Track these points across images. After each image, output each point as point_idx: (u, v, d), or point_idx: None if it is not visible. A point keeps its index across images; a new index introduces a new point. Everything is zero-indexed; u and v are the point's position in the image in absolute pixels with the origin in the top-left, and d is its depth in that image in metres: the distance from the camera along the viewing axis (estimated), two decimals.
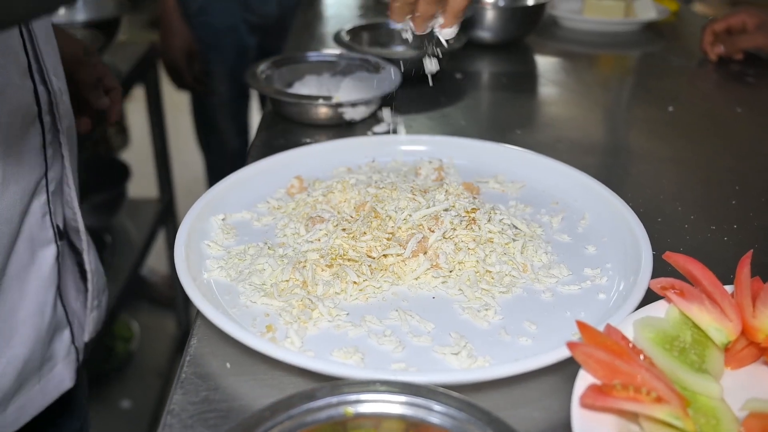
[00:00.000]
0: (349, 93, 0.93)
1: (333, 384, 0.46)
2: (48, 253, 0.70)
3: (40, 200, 0.68)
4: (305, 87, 1.01)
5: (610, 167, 0.89)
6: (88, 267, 0.77)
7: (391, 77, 0.98)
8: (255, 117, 2.45)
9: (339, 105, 0.93)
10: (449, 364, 0.55)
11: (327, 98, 0.93)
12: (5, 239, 0.64)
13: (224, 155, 2.09)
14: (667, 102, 1.11)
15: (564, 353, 0.53)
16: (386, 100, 0.98)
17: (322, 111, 0.94)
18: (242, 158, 2.13)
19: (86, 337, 0.80)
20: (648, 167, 0.90)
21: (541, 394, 0.54)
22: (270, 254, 0.66)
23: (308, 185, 0.79)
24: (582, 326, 0.52)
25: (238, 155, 2.04)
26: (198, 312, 0.60)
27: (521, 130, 1.00)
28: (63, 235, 0.72)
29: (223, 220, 0.72)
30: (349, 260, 0.64)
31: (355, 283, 0.63)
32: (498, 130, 0.99)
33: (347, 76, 1.02)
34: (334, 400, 0.46)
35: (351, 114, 0.94)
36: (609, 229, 0.72)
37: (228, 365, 0.55)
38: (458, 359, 0.55)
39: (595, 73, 1.30)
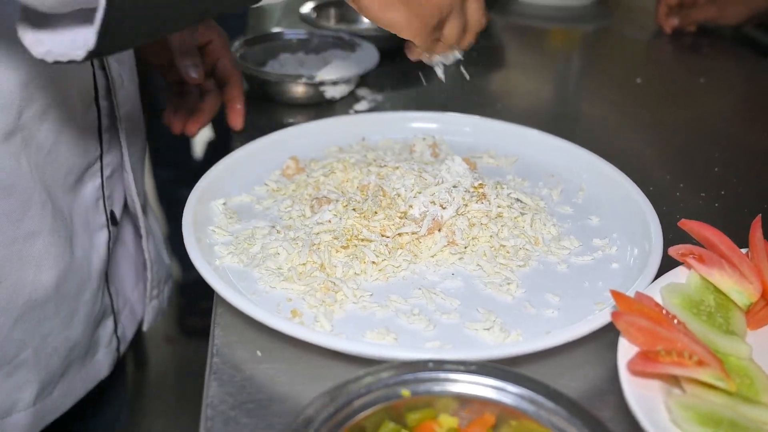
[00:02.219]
0: (327, 71, 0.91)
1: (387, 366, 0.46)
2: (101, 239, 0.70)
3: (95, 184, 0.68)
4: (281, 65, 0.98)
5: (592, 139, 0.90)
6: (147, 255, 0.76)
7: (368, 55, 0.97)
8: None
9: (321, 83, 0.91)
10: (483, 340, 0.55)
11: (310, 77, 0.91)
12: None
13: (168, 137, 2.02)
14: (634, 74, 1.13)
15: (597, 323, 0.54)
16: (364, 78, 0.98)
17: (303, 90, 0.92)
18: (187, 140, 2.08)
19: (146, 327, 0.81)
20: (630, 137, 0.92)
21: (575, 364, 0.54)
22: (281, 237, 0.65)
23: (305, 165, 0.77)
24: (617, 295, 0.53)
25: (180, 138, 1.98)
26: (217, 301, 0.58)
27: (501, 103, 1.00)
28: (116, 221, 0.71)
29: (223, 204, 0.70)
30: (364, 240, 0.63)
31: (374, 263, 0.62)
32: (478, 105, 0.99)
33: (321, 53, 1.00)
34: (392, 380, 0.45)
35: (332, 92, 0.93)
36: (609, 198, 0.73)
37: (259, 353, 0.54)
38: (491, 334, 0.55)
39: (555, 46, 1.32)
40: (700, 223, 0.60)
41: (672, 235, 0.64)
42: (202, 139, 2.04)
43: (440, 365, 0.46)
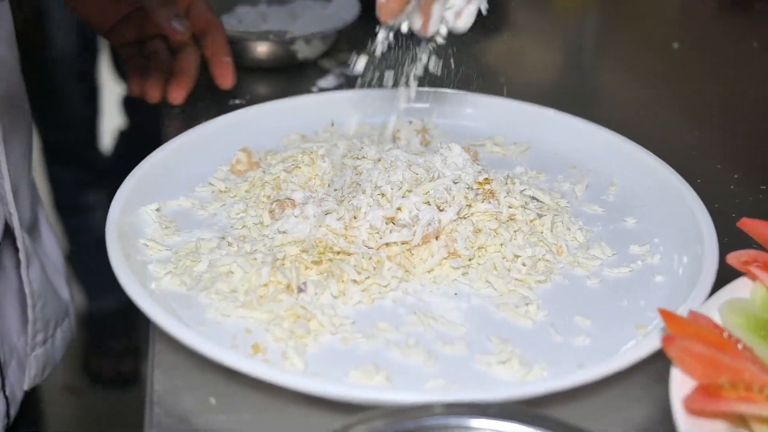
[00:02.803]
0: (299, 27, 0.92)
1: (380, 413, 0.46)
2: None
3: None
4: (238, 21, 0.99)
5: (619, 120, 0.91)
6: (27, 289, 0.73)
7: (347, 4, 0.98)
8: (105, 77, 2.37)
9: (292, 41, 0.92)
10: (498, 376, 0.56)
11: (279, 33, 0.91)
12: None
13: (66, 128, 2.01)
14: (669, 37, 1.15)
15: (641, 351, 0.55)
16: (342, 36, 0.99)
17: (268, 50, 0.92)
18: (90, 133, 2.06)
19: (27, 385, 0.76)
20: (667, 118, 0.94)
21: (616, 404, 0.55)
22: (233, 252, 0.65)
23: (259, 159, 0.77)
24: (667, 316, 0.54)
25: (84, 128, 1.97)
26: (154, 335, 0.58)
27: (505, 76, 1.02)
28: None
29: (157, 210, 0.70)
30: (340, 253, 0.64)
31: (355, 281, 0.62)
32: (478, 79, 0.99)
33: (288, 5, 1.02)
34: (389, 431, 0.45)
35: (305, 52, 0.93)
36: (647, 194, 0.75)
37: (213, 400, 0.54)
38: (508, 369, 0.56)
39: (570, 3, 1.33)
40: (765, 222, 0.61)
41: (728, 239, 0.66)
42: (114, 125, 2.03)
43: (450, 409, 0.47)
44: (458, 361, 0.57)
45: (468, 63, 0.88)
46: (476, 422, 0.46)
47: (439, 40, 0.68)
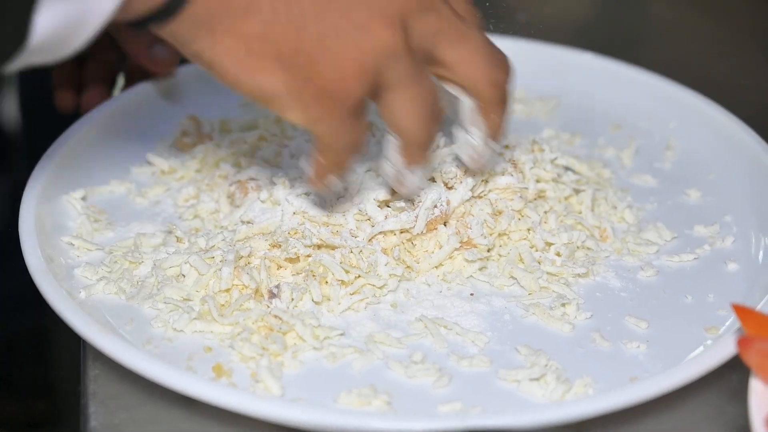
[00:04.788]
0: None
1: None
2: None
3: None
4: None
5: (676, 65, 0.93)
6: None
7: None
8: None
9: None
10: (529, 396, 0.58)
11: None
12: None
13: None
14: None
15: (711, 360, 0.57)
16: None
17: None
18: None
19: None
20: (741, 59, 0.95)
21: (681, 425, 0.57)
22: (184, 249, 0.67)
23: (211, 130, 0.79)
24: (743, 312, 0.56)
25: None
26: (88, 357, 0.60)
27: (525, 12, 1.04)
28: None
29: (83, 199, 0.71)
30: (322, 247, 0.65)
31: (342, 282, 0.64)
32: (488, 17, 1.00)
33: None
34: None
35: None
36: (714, 160, 0.77)
37: None
38: (543, 388, 0.58)
39: None
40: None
41: None
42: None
43: None
44: (478, 378, 0.59)
45: None
46: None
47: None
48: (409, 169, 0.62)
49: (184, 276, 0.64)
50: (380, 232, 0.66)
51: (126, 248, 0.68)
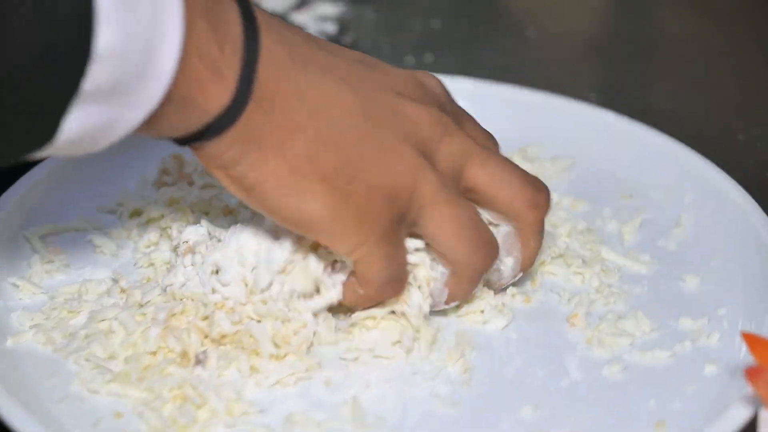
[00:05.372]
0: None
1: None
2: None
3: None
4: None
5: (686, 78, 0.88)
6: None
7: None
8: None
9: None
10: None
11: None
12: None
13: None
14: None
15: None
16: None
17: None
18: None
19: None
20: None
21: None
22: (122, 302, 0.65)
23: (192, 170, 0.77)
24: (752, 341, 0.56)
25: None
26: None
27: (533, 27, 1.01)
28: None
29: (42, 238, 0.71)
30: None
31: (274, 357, 0.62)
32: (494, 33, 0.99)
33: None
34: None
35: (270, 1, 0.98)
36: (725, 243, 0.73)
37: None
38: None
39: None
40: None
41: None
42: None
43: None
44: None
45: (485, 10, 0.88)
46: None
47: None
48: (449, 304, 0.64)
49: (113, 332, 0.63)
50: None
51: (69, 295, 0.67)
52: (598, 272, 0.70)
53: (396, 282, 0.60)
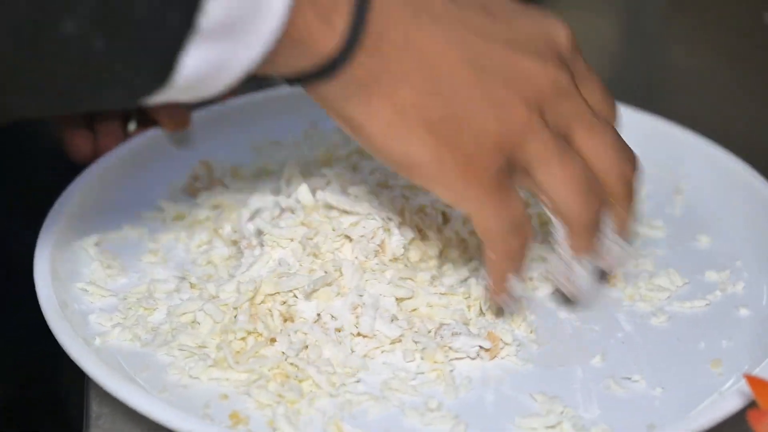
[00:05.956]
0: None
1: None
2: None
3: None
4: None
5: (690, 112, 0.93)
6: None
7: None
8: None
9: None
10: None
11: None
12: None
13: None
14: (759, 6, 1.14)
15: (729, 406, 0.58)
16: None
17: None
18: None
19: None
20: (757, 110, 0.97)
21: None
22: (198, 296, 0.67)
23: (222, 175, 0.80)
24: (756, 384, 0.56)
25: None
26: (92, 405, 0.62)
27: None
28: None
29: (97, 245, 0.72)
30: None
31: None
32: None
33: None
34: None
35: None
36: (725, 206, 0.79)
37: None
38: None
39: None
40: None
41: None
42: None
43: None
44: (494, 426, 0.60)
45: None
46: None
47: None
48: (577, 259, 0.63)
49: (198, 323, 0.65)
50: None
51: (140, 294, 0.68)
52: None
53: (519, 229, 0.59)
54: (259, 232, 0.68)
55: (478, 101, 0.56)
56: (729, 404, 0.58)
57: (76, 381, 0.66)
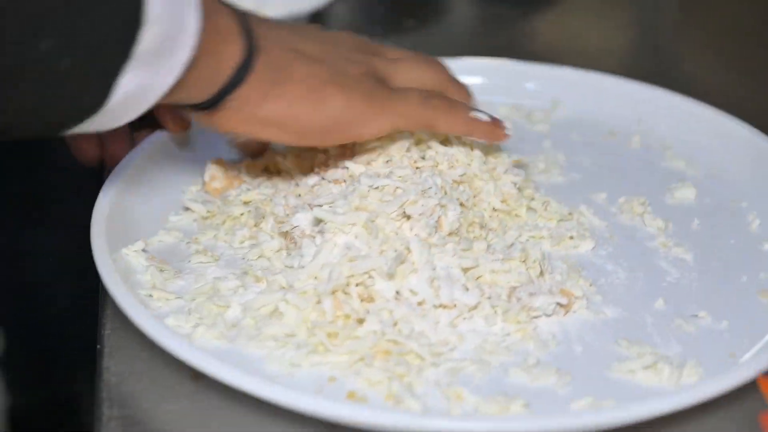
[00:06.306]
0: (272, 8, 0.95)
1: None
2: None
3: None
4: None
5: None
6: None
7: None
8: None
9: None
10: (649, 384, 0.62)
11: None
12: None
13: None
14: None
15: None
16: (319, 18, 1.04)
17: None
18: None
19: None
20: None
21: None
22: (270, 289, 0.68)
23: (238, 172, 0.80)
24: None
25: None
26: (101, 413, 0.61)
27: (556, 55, 1.06)
28: None
29: (144, 251, 0.71)
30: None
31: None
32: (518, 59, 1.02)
33: None
34: None
35: None
36: (710, 153, 0.86)
37: None
38: (658, 374, 0.62)
39: None
40: None
41: None
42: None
43: None
44: (594, 375, 0.63)
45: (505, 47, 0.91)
46: None
47: None
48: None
49: (282, 313, 0.65)
50: None
51: (205, 293, 0.68)
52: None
53: (427, 101, 0.72)
54: (318, 221, 0.69)
55: (344, 53, 0.72)
56: None
57: (87, 383, 0.67)
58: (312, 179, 0.75)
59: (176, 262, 0.72)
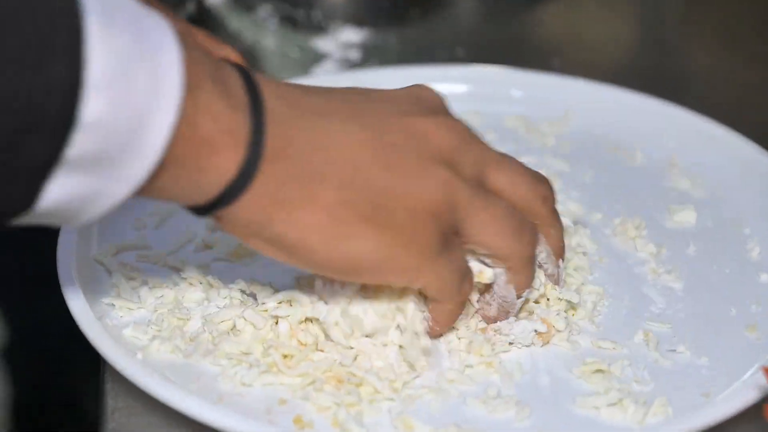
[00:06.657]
0: None
1: None
2: None
3: None
4: None
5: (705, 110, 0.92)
6: None
7: None
8: None
9: None
10: (613, 421, 0.60)
11: None
12: None
13: None
14: None
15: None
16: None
17: None
18: None
19: None
20: None
21: None
22: (229, 302, 0.67)
23: None
24: None
25: None
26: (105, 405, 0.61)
27: (560, 56, 1.05)
28: None
29: (114, 256, 0.71)
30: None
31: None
32: (522, 60, 1.00)
33: None
34: None
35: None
36: (717, 173, 0.83)
37: None
38: (623, 411, 0.60)
39: None
40: None
41: None
42: None
43: None
44: (556, 410, 0.61)
45: (509, 39, 0.90)
46: None
47: None
48: (519, 295, 0.63)
49: (240, 331, 0.64)
50: None
51: (169, 303, 0.67)
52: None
53: (467, 274, 0.61)
54: None
55: (398, 178, 0.56)
56: None
57: (92, 376, 0.66)
58: None
59: (147, 264, 0.71)
